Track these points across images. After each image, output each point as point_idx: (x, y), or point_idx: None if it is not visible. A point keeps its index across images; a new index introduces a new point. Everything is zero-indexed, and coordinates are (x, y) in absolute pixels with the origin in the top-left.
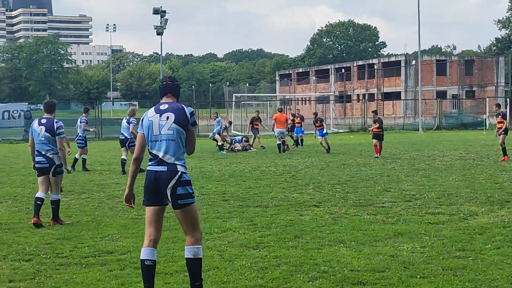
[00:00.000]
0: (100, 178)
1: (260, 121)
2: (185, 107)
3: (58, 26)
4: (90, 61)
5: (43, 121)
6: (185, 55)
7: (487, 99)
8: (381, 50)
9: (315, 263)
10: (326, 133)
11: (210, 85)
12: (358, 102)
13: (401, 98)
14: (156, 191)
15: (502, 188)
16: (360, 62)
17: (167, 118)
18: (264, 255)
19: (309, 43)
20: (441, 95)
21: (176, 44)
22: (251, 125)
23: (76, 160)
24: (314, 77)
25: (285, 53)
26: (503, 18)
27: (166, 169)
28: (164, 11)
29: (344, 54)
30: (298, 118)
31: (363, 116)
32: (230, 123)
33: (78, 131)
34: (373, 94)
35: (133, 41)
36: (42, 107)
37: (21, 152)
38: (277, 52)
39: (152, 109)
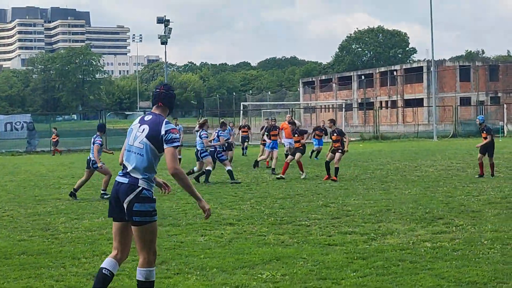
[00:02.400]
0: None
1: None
2: (164, 123)
3: (96, 37)
4: (127, 71)
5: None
6: (219, 64)
7: (505, 105)
8: (411, 56)
9: None
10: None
11: (234, 94)
12: (381, 109)
13: (424, 105)
14: (117, 203)
15: (448, 203)
16: (383, 69)
17: (143, 130)
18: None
19: (337, 50)
20: (465, 101)
21: (213, 53)
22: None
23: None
24: (334, 85)
25: (318, 60)
26: None
27: (126, 182)
28: (168, 20)
29: (374, 61)
30: (322, 132)
31: (376, 124)
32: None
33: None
34: (395, 101)
35: (171, 51)
36: (74, 118)
37: (23, 164)
38: (311, 59)
39: (139, 117)
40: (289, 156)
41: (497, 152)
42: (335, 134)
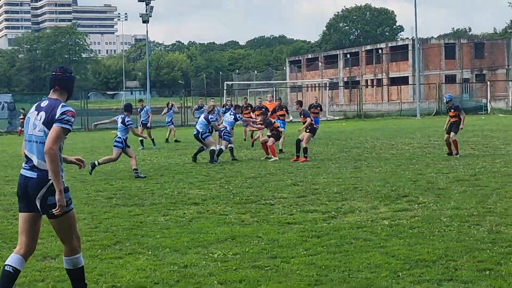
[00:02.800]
0: None
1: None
2: (60, 106)
3: (83, 17)
4: (114, 50)
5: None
6: (207, 43)
7: (488, 83)
8: (398, 34)
9: (99, 273)
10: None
11: (220, 73)
12: (367, 87)
13: (409, 83)
14: (26, 197)
15: (416, 181)
16: (368, 47)
17: (40, 117)
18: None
19: (325, 29)
20: (450, 79)
21: (201, 32)
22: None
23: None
24: (320, 63)
25: (307, 39)
26: None
27: (35, 176)
28: None
29: (361, 39)
30: (318, 108)
31: (359, 102)
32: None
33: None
34: (381, 79)
35: (159, 30)
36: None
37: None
38: (299, 38)
39: (35, 104)
40: (271, 139)
41: (477, 130)
42: (302, 116)
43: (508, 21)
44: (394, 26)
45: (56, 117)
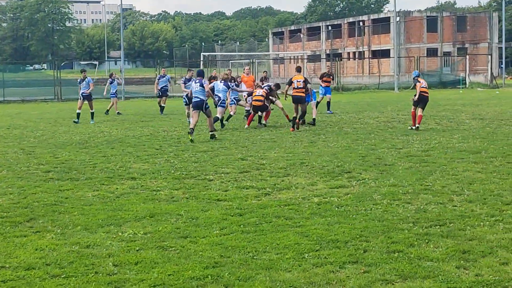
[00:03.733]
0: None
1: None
2: None
3: None
4: (100, 20)
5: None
6: (194, 13)
7: (467, 56)
8: (383, 7)
9: None
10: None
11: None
12: (349, 60)
13: (390, 56)
14: None
15: (366, 156)
16: (351, 19)
17: None
18: None
19: (310, 0)
20: (432, 52)
21: (189, 2)
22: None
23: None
24: (302, 35)
25: (294, 10)
26: None
27: None
28: None
29: (346, 11)
30: (330, 77)
31: (337, 75)
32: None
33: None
34: (362, 52)
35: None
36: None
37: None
38: (286, 9)
39: None
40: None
41: (450, 104)
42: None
43: None
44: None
45: None
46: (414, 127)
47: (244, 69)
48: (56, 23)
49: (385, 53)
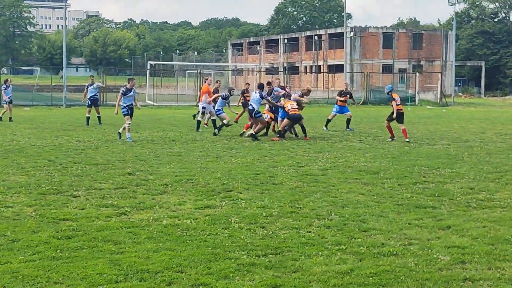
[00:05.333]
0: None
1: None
2: None
3: None
4: (66, 26)
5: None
6: (160, 22)
7: (417, 74)
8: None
9: None
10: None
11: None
12: (306, 74)
13: (344, 71)
14: None
15: (258, 174)
16: (308, 33)
17: None
18: None
19: (273, 13)
20: (387, 68)
21: (156, 11)
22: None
23: None
24: (258, 47)
25: (261, 22)
26: None
27: None
28: None
29: (309, 25)
30: (347, 96)
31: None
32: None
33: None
34: (320, 66)
35: (115, 8)
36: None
37: None
38: (253, 21)
39: None
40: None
41: (381, 121)
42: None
43: (452, 12)
44: (343, 13)
45: None
46: (392, 139)
47: (207, 80)
48: (18, 27)
49: (340, 68)
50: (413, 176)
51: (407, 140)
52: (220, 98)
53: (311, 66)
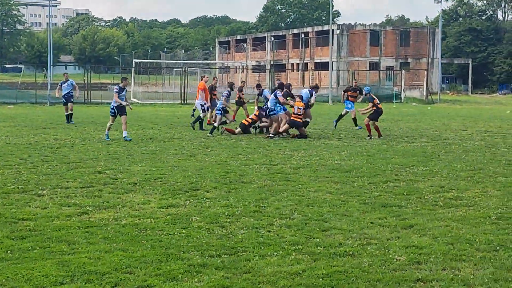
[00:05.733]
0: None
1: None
2: None
3: None
4: (56, 24)
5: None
6: (149, 20)
7: (403, 71)
8: (334, 19)
9: None
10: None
11: (149, 51)
12: (293, 71)
13: (331, 69)
14: None
15: (229, 172)
16: (295, 31)
17: None
18: None
19: (262, 10)
20: (374, 66)
21: (146, 8)
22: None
23: None
24: (245, 45)
25: (250, 20)
26: None
27: None
28: None
29: (297, 22)
30: (357, 92)
31: (270, 86)
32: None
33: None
34: (307, 63)
35: (104, 5)
36: None
37: None
38: (242, 19)
39: None
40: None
41: (362, 118)
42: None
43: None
44: (332, 11)
45: None
46: (378, 137)
47: (204, 78)
48: (6, 25)
49: (327, 66)
50: (385, 174)
51: (369, 137)
52: (225, 97)
53: (298, 64)
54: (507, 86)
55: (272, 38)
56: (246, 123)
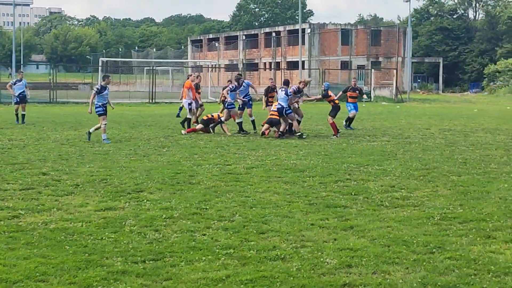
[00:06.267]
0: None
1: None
2: None
3: None
4: (28, 23)
5: None
6: (123, 19)
7: (372, 70)
8: (307, 19)
9: None
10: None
11: (120, 50)
12: (265, 70)
13: (303, 67)
14: None
15: (179, 173)
16: (267, 29)
17: None
18: None
19: (235, 9)
20: (346, 65)
21: (119, 7)
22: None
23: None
24: (216, 44)
25: (224, 19)
26: None
27: None
28: None
29: (270, 22)
30: (356, 92)
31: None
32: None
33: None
34: (278, 62)
35: (78, 4)
36: None
37: None
38: (217, 18)
39: None
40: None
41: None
42: None
43: (412, 10)
44: (305, 10)
45: None
46: (337, 135)
47: (191, 76)
48: None
49: (298, 64)
50: (338, 174)
51: (335, 135)
52: (228, 91)
53: (270, 63)
54: (477, 85)
55: (244, 37)
56: (205, 117)
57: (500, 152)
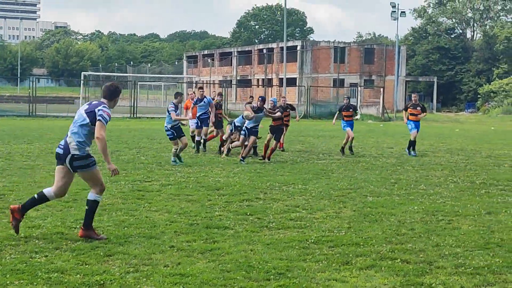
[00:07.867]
0: None
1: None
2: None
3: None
4: (33, 37)
5: None
6: (127, 34)
7: (359, 88)
8: (307, 36)
9: None
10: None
11: (116, 64)
12: (258, 87)
13: (296, 85)
14: None
15: (134, 191)
16: (260, 46)
17: None
18: None
19: (235, 26)
20: (339, 83)
21: (124, 23)
22: None
23: None
24: (209, 60)
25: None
26: (418, 8)
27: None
28: None
29: (270, 39)
30: (350, 110)
31: (225, 102)
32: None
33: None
34: (271, 79)
35: (85, 19)
36: None
37: None
38: (221, 35)
39: None
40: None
41: (314, 135)
42: None
43: (410, 28)
44: (305, 27)
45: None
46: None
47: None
48: None
49: (292, 81)
50: (253, 193)
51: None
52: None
53: (263, 79)
54: (474, 105)
55: (237, 53)
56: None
57: (445, 172)
